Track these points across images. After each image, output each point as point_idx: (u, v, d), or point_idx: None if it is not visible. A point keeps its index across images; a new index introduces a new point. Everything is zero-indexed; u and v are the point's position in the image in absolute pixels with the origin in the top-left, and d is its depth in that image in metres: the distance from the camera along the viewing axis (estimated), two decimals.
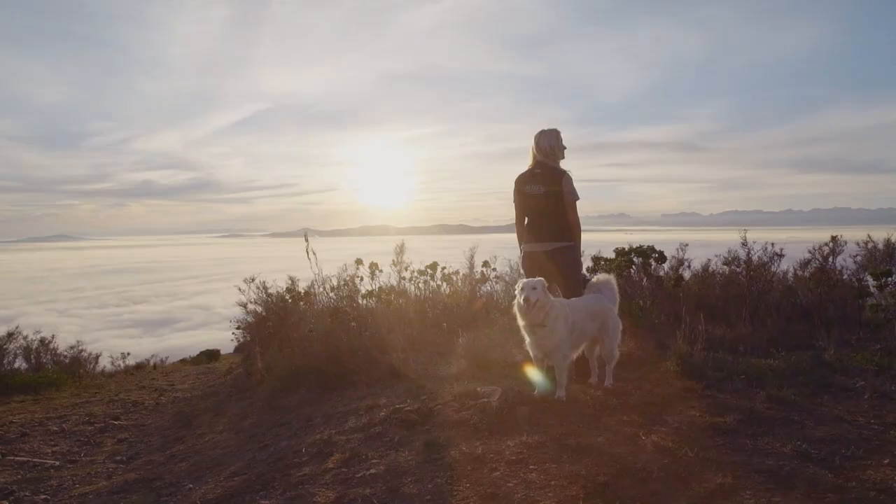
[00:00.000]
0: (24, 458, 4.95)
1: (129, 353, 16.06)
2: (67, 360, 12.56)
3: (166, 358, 18.14)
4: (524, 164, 4.37)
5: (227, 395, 7.57)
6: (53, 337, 12.60)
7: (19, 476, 4.34)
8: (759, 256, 7.30)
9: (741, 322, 7.03)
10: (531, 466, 2.58)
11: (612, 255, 6.99)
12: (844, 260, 7.24)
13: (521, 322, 3.72)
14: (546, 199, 4.19)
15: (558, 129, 4.31)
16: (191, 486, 3.17)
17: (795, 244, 7.32)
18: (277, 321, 7.32)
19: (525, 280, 3.70)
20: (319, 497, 2.54)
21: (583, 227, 4.30)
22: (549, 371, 3.83)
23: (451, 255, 8.39)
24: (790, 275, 7.48)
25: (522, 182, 4.27)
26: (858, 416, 3.14)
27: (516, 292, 3.67)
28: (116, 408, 8.01)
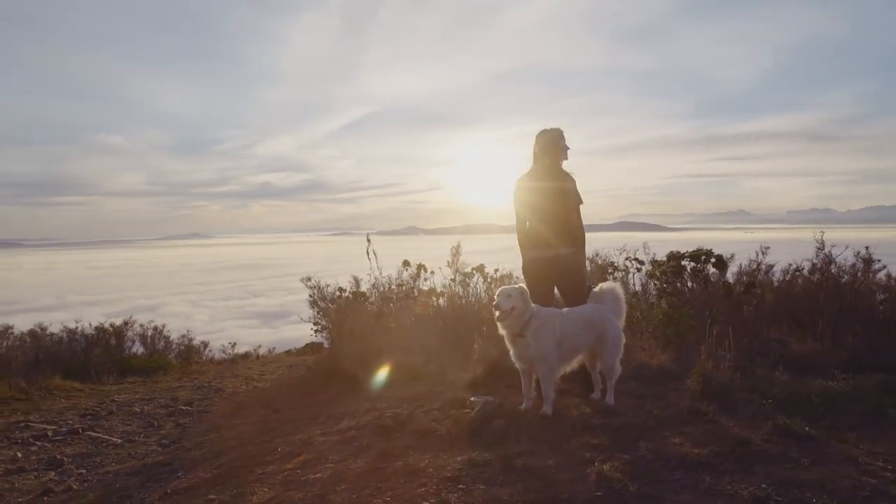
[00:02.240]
0: (97, 435, 5.68)
1: (235, 343, 17.64)
2: (182, 348, 14.14)
3: (273, 348, 19.66)
4: (632, 159, 4.21)
5: (288, 387, 8.08)
6: (164, 326, 14.22)
7: (82, 450, 4.99)
8: (845, 261, 6.39)
9: (819, 336, 6.24)
10: (459, 486, 2.50)
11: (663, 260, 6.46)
12: None
13: (501, 331, 3.59)
14: (548, 203, 4.01)
15: (560, 128, 4.10)
16: (180, 474, 3.46)
17: None
18: (329, 321, 7.70)
19: (502, 287, 3.57)
20: (257, 496, 2.66)
21: (696, 225, 4.05)
22: (537, 384, 3.66)
23: None
24: None
25: (524, 185, 4.12)
26: (880, 458, 2.65)
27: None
28: (199, 394, 8.78)
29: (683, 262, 6.17)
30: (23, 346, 10.54)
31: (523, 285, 3.59)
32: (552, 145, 4.04)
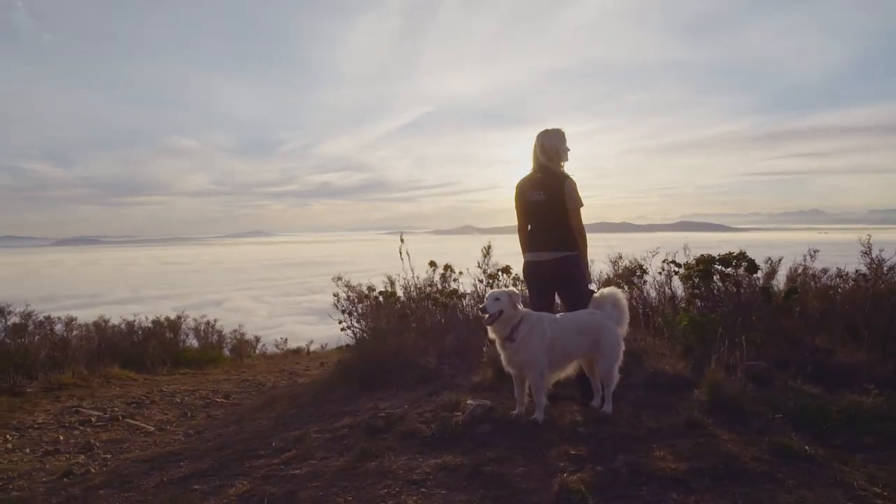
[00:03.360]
0: (135, 423, 6.07)
1: (287, 339, 18.27)
2: (236, 341, 14.81)
3: (325, 344, 20.20)
4: (696, 157, 4.08)
5: (315, 384, 8.31)
6: (216, 320, 14.92)
7: (116, 437, 5.36)
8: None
9: (866, 346, 5.78)
10: (421, 490, 2.51)
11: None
12: None
13: (491, 335, 3.56)
14: (548, 206, 3.93)
15: (562, 129, 4.01)
16: (183, 463, 3.65)
17: None
18: (354, 320, 7.86)
19: (491, 290, 3.53)
20: (235, 489, 2.78)
21: (763, 226, 3.89)
22: (530, 390, 3.60)
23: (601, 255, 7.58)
24: None
25: (523, 187, 4.06)
26: (880, 484, 2.44)
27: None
28: (240, 387, 9.15)
29: (715, 266, 5.85)
30: (87, 337, 11.37)
31: (513, 288, 3.55)
32: (552, 147, 3.96)
